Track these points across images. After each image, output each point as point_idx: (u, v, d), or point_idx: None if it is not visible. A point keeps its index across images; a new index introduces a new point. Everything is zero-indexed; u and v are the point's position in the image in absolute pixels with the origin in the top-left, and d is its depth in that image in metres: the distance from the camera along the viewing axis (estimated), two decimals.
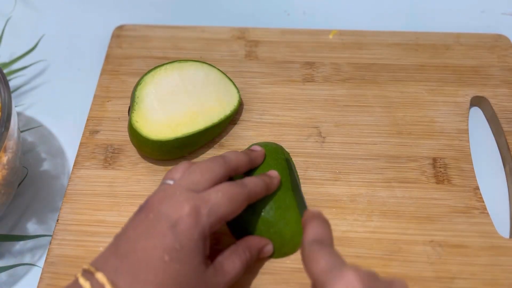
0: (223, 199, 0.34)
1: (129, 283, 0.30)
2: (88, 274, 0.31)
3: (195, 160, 0.47)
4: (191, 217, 0.32)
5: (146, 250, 0.31)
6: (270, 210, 0.39)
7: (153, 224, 0.32)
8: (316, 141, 0.47)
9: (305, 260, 0.30)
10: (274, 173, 0.41)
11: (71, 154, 0.50)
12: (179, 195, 0.33)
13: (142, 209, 0.34)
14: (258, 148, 0.43)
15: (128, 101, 0.50)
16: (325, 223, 0.32)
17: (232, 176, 0.38)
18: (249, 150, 0.42)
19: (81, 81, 0.55)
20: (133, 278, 0.30)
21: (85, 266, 0.31)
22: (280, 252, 0.40)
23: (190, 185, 0.34)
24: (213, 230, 0.34)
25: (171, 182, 0.35)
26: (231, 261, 0.35)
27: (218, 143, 0.48)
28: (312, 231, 0.31)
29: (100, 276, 0.30)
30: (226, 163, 0.37)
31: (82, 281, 0.30)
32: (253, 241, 0.39)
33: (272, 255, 0.40)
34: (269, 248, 0.39)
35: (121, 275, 0.30)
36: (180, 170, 0.37)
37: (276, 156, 0.43)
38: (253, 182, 0.37)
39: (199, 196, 0.34)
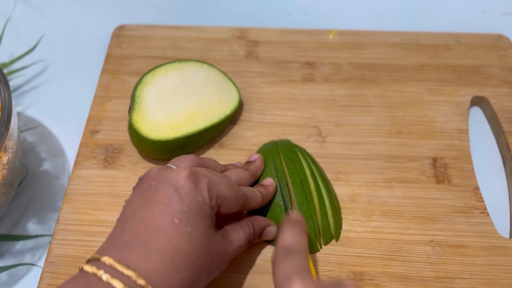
0: (222, 181, 0.35)
1: (142, 255, 0.30)
2: (92, 261, 0.30)
3: None
4: (190, 180, 0.32)
5: (154, 217, 0.31)
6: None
7: (157, 190, 0.32)
8: (316, 141, 0.47)
9: (272, 266, 0.31)
10: (268, 181, 0.41)
11: (71, 154, 0.50)
12: (180, 167, 0.34)
13: (142, 180, 0.34)
14: (255, 156, 0.43)
15: (128, 101, 0.50)
16: (300, 230, 0.33)
17: None
18: (248, 163, 0.43)
19: (81, 81, 0.55)
20: (146, 248, 0.30)
21: (88, 257, 0.31)
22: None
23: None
24: (214, 206, 0.33)
25: (174, 167, 0.36)
26: (236, 231, 0.36)
27: (218, 143, 0.48)
28: (284, 237, 0.32)
29: (106, 259, 0.29)
30: None
31: (87, 267, 0.29)
32: (257, 218, 0.39)
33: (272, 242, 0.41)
34: (271, 229, 0.40)
35: (132, 249, 0.30)
36: (184, 160, 0.37)
37: (274, 158, 0.43)
38: (249, 190, 0.38)
39: (198, 171, 0.34)
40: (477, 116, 0.51)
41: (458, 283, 0.39)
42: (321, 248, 0.41)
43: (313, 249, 0.41)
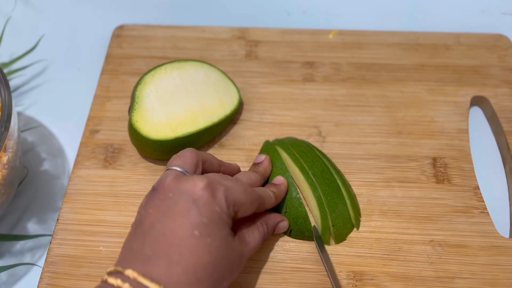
0: (237, 187, 0.35)
1: (165, 268, 0.30)
2: (115, 273, 0.30)
3: None
4: (207, 191, 0.32)
5: (174, 230, 0.31)
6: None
7: (175, 201, 0.32)
8: (316, 141, 0.47)
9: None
10: (279, 179, 0.42)
11: (71, 154, 0.50)
12: (195, 176, 0.34)
13: (157, 189, 0.34)
14: (262, 158, 0.43)
15: (128, 101, 0.50)
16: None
17: None
18: (255, 164, 0.43)
19: (81, 81, 0.55)
20: (168, 261, 0.30)
21: (110, 269, 0.31)
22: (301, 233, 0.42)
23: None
24: (231, 213, 0.34)
25: (179, 169, 0.35)
26: (251, 232, 0.37)
27: (218, 143, 0.48)
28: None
29: (130, 272, 0.30)
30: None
31: (111, 280, 0.30)
32: (270, 216, 0.40)
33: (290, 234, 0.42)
34: (284, 224, 0.41)
35: (156, 263, 0.30)
36: (184, 158, 0.36)
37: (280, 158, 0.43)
38: (262, 192, 0.38)
39: (215, 180, 0.34)
40: (477, 116, 0.51)
41: (458, 283, 0.39)
42: (345, 239, 0.41)
43: (339, 239, 0.41)
